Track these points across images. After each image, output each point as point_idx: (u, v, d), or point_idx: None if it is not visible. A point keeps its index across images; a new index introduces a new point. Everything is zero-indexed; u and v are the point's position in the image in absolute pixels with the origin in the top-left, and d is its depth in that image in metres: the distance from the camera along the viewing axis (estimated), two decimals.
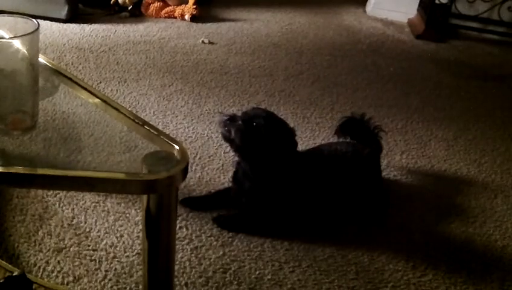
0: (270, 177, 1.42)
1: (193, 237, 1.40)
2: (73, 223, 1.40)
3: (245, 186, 1.45)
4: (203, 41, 2.70)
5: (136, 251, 1.33)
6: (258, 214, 1.45)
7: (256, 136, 1.36)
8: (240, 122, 1.37)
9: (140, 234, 1.33)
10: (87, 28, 2.69)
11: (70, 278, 1.23)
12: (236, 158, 1.48)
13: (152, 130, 0.85)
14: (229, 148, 1.62)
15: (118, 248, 1.33)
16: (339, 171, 1.50)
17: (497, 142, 2.08)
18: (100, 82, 2.16)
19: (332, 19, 3.36)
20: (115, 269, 1.27)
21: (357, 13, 3.51)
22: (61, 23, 2.69)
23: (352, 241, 1.46)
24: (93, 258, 1.30)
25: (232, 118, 1.38)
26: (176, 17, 2.98)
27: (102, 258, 1.30)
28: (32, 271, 1.24)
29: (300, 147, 1.84)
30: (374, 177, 1.60)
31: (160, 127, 1.77)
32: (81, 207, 1.45)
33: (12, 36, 0.81)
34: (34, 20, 0.83)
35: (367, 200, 1.56)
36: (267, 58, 2.61)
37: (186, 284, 1.26)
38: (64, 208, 1.44)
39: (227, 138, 1.40)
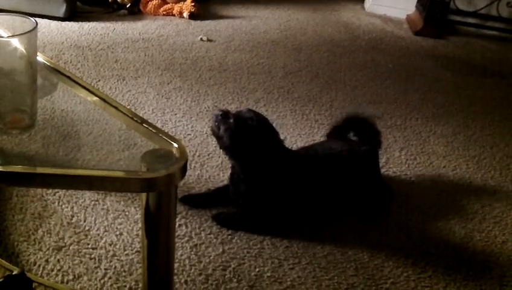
0: (262, 179, 1.42)
1: (192, 235, 1.40)
2: (72, 221, 1.40)
3: (241, 189, 1.45)
4: (201, 39, 2.70)
5: (135, 249, 1.33)
6: (256, 214, 1.45)
7: (244, 138, 1.36)
8: (231, 120, 1.36)
9: (140, 232, 1.33)
10: (86, 26, 2.69)
11: (70, 277, 1.23)
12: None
13: (151, 128, 0.85)
14: None
15: (117, 246, 1.33)
16: (335, 170, 1.50)
17: (496, 139, 2.08)
18: (99, 80, 2.15)
19: (331, 16, 3.35)
20: (115, 267, 1.27)
21: (355, 10, 3.51)
22: (60, 22, 2.69)
23: (351, 238, 1.46)
24: (92, 256, 1.30)
25: (224, 115, 1.37)
26: (174, 15, 2.98)
27: (101, 256, 1.30)
28: (32, 270, 1.24)
29: (299, 144, 1.85)
30: (371, 175, 1.59)
31: (159, 125, 1.78)
32: (80, 205, 1.45)
33: (10, 35, 0.81)
34: (32, 18, 0.83)
35: (365, 198, 1.56)
36: (266, 55, 2.61)
37: (185, 281, 1.26)
38: (63, 206, 1.44)
39: (215, 134, 1.40)
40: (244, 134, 1.35)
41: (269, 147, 1.39)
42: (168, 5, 2.98)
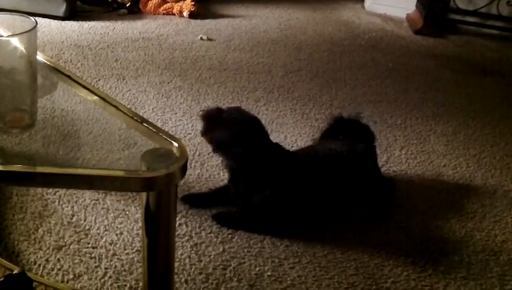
0: (261, 179, 1.42)
1: (193, 234, 1.40)
2: (73, 220, 1.40)
3: (240, 189, 1.45)
4: (201, 38, 2.70)
5: (135, 248, 1.33)
6: (256, 214, 1.45)
7: (231, 139, 1.38)
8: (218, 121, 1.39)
9: (140, 231, 1.33)
10: (86, 25, 2.69)
11: (70, 276, 1.23)
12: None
13: (151, 127, 0.85)
14: None
15: (117, 246, 1.33)
16: (334, 169, 1.50)
17: (496, 138, 2.08)
18: (99, 79, 2.15)
19: (331, 15, 3.35)
20: (115, 267, 1.27)
21: (355, 9, 3.51)
22: (60, 21, 2.69)
23: (351, 237, 1.46)
24: (93, 255, 1.30)
25: (211, 115, 1.41)
26: (174, 14, 2.98)
27: (102, 255, 1.30)
28: (32, 269, 1.24)
29: (300, 143, 1.85)
30: (370, 172, 1.59)
31: (159, 124, 1.78)
32: (80, 205, 1.45)
33: (10, 34, 0.81)
34: (32, 18, 0.83)
35: (368, 197, 1.55)
36: (266, 54, 2.61)
37: (186, 281, 1.26)
38: (63, 205, 1.44)
39: (203, 135, 1.45)
40: (231, 134, 1.37)
41: (256, 147, 1.39)
42: (168, 4, 2.98)
